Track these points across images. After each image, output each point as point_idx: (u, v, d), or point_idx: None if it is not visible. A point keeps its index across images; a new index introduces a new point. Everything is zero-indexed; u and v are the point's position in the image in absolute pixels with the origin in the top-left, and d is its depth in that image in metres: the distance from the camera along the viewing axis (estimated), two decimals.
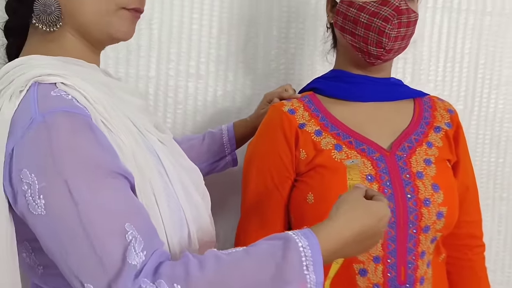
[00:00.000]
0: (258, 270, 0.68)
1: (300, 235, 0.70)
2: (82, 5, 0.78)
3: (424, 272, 0.99)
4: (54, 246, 0.68)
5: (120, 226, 0.67)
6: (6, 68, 0.75)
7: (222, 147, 1.19)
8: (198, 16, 1.36)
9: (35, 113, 0.68)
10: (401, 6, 0.97)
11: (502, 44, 1.54)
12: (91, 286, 0.66)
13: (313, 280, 0.69)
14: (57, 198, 0.66)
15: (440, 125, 1.08)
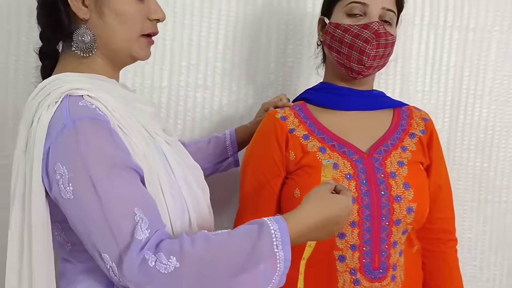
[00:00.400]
0: (238, 248, 0.82)
1: (272, 220, 0.85)
2: (114, 34, 0.94)
3: (397, 260, 1.13)
4: (79, 224, 0.84)
5: (130, 210, 0.82)
6: (43, 83, 0.91)
7: (225, 150, 1.33)
8: (206, 34, 1.50)
9: (67, 119, 0.84)
10: (379, 30, 1.11)
11: (484, 58, 1.64)
12: (107, 256, 0.82)
13: (281, 256, 0.83)
14: (82, 186, 0.82)
15: (415, 132, 1.21)
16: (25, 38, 1.43)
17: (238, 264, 0.81)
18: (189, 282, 0.80)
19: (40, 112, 0.86)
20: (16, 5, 1.42)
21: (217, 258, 0.81)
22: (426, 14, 1.61)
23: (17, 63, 1.44)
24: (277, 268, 0.83)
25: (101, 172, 0.82)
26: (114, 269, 0.81)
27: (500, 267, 1.72)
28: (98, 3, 0.92)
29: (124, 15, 0.93)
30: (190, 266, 0.80)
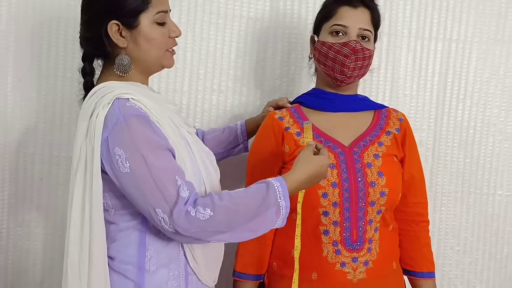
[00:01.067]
0: (253, 200, 1.12)
1: (275, 179, 1.16)
2: (148, 54, 1.21)
3: (372, 235, 1.36)
4: (135, 191, 1.10)
5: (173, 177, 1.11)
6: (95, 89, 1.18)
7: (236, 138, 1.58)
8: (221, 46, 1.75)
9: (119, 115, 1.10)
10: (356, 47, 1.34)
11: (466, 66, 1.83)
12: (159, 210, 1.09)
13: (283, 204, 1.13)
14: (136, 162, 1.09)
15: (391, 130, 1.43)
16: (65, 52, 1.71)
17: (253, 211, 1.11)
18: (220, 225, 1.10)
19: (97, 110, 1.12)
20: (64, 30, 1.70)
21: (239, 208, 1.11)
22: (413, 27, 1.81)
23: (64, 73, 1.72)
24: (280, 213, 1.14)
25: (149, 152, 1.10)
26: (165, 219, 1.09)
27: (482, 252, 1.90)
28: (133, 34, 1.19)
29: (153, 40, 1.20)
30: (220, 214, 1.10)
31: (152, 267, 1.17)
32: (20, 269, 1.76)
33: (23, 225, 1.74)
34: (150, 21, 1.19)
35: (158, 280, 1.17)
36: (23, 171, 1.73)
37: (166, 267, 1.18)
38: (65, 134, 1.74)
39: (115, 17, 1.17)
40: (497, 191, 1.88)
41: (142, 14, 1.18)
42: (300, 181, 1.17)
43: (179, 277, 1.20)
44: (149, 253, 1.17)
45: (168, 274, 1.18)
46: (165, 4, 1.22)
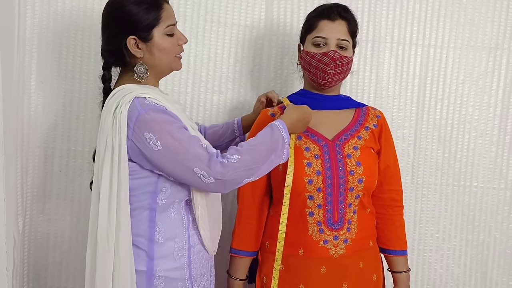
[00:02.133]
0: (265, 140, 1.39)
1: (276, 121, 1.43)
2: (161, 61, 1.42)
3: (351, 217, 1.55)
4: (171, 162, 1.31)
5: (197, 142, 1.33)
6: (115, 90, 1.38)
7: (233, 132, 1.78)
8: (221, 51, 1.94)
9: (140, 109, 1.31)
10: (335, 56, 1.52)
11: (443, 69, 1.99)
12: (197, 169, 1.31)
13: (286, 137, 1.41)
14: (166, 139, 1.30)
15: (369, 125, 1.62)
16: (81, 57, 1.91)
17: (269, 147, 1.38)
18: (248, 163, 1.35)
19: (121, 108, 1.32)
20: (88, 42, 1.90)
21: (258, 148, 1.38)
22: (395, 34, 1.99)
23: (81, 76, 1.91)
24: (285, 143, 1.41)
25: (173, 129, 1.32)
26: (205, 174, 1.31)
27: (460, 239, 2.06)
28: (148, 45, 1.39)
29: (164, 49, 1.40)
30: (245, 155, 1.35)
31: (160, 239, 1.38)
32: (41, 252, 1.95)
33: (43, 212, 1.94)
34: (161, 33, 1.39)
35: (166, 249, 1.39)
36: (44, 163, 1.93)
37: (172, 240, 1.39)
38: (81, 131, 1.93)
39: (132, 33, 1.37)
40: (473, 183, 2.05)
41: (155, 28, 1.38)
42: (293, 119, 1.46)
43: (183, 248, 1.41)
44: (158, 228, 1.38)
45: (174, 245, 1.40)
46: (172, 18, 1.42)
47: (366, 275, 1.58)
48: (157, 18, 1.37)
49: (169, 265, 1.39)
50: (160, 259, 1.38)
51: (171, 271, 1.39)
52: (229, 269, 1.65)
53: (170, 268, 1.39)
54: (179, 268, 1.40)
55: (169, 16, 1.40)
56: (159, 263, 1.38)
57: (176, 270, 1.40)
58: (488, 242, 2.07)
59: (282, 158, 1.41)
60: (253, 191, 1.58)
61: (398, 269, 1.64)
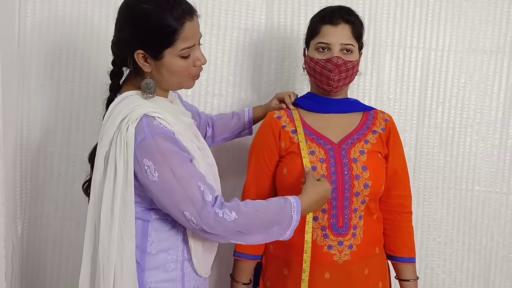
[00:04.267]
0: (272, 210, 1.30)
1: (293, 197, 1.33)
2: (169, 82, 1.33)
3: (357, 222, 1.53)
4: (163, 197, 1.24)
5: (197, 184, 1.26)
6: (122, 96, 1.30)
7: (243, 124, 1.74)
8: (221, 55, 1.93)
9: (147, 131, 1.24)
10: (338, 62, 1.50)
11: (444, 72, 1.99)
12: (187, 213, 1.24)
13: (295, 218, 1.31)
14: (164, 173, 1.23)
15: (377, 129, 1.59)
16: (82, 60, 1.89)
17: (272, 219, 1.30)
18: (242, 227, 1.27)
19: (127, 123, 1.25)
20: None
21: (259, 214, 1.29)
22: (396, 37, 1.98)
23: (81, 79, 1.89)
24: (291, 224, 1.31)
25: (174, 163, 1.24)
26: (193, 221, 1.25)
27: (462, 244, 2.04)
28: (157, 64, 1.29)
29: (175, 71, 1.30)
30: (243, 218, 1.27)
31: (153, 250, 1.33)
32: (40, 256, 1.93)
33: (42, 216, 1.92)
34: (174, 55, 1.27)
35: (158, 261, 1.33)
36: (43, 167, 1.91)
37: (165, 251, 1.34)
38: (81, 135, 1.91)
39: (142, 48, 1.26)
40: (474, 187, 2.03)
41: (167, 50, 1.26)
42: (311, 200, 1.36)
43: (177, 261, 1.36)
44: (151, 238, 1.33)
45: (167, 257, 1.34)
46: (191, 40, 1.28)
47: (372, 282, 1.56)
48: (172, 39, 1.26)
49: (161, 276, 1.33)
50: (151, 270, 1.33)
51: (162, 283, 1.33)
52: (232, 273, 1.63)
53: (161, 279, 1.33)
54: (172, 280, 1.35)
55: (187, 38, 1.27)
56: (150, 274, 1.32)
57: (168, 282, 1.34)
58: (490, 247, 2.05)
59: (282, 236, 1.32)
60: (258, 193, 1.57)
61: (406, 277, 1.61)
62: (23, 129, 1.87)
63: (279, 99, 1.71)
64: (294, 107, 1.65)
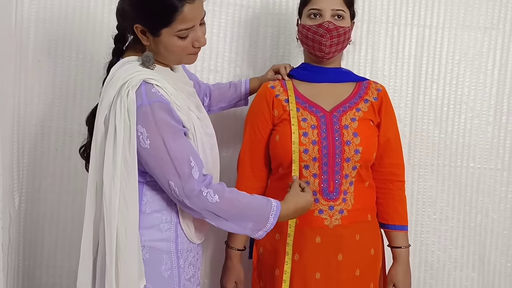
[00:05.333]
0: (254, 205, 1.34)
1: (276, 201, 1.36)
2: (166, 58, 1.34)
3: (347, 188, 1.55)
4: (152, 164, 1.27)
5: (187, 158, 1.28)
6: (123, 61, 1.32)
7: (240, 94, 1.75)
8: (217, 31, 1.95)
9: (145, 99, 1.26)
10: (329, 27, 1.53)
11: (439, 49, 1.99)
12: (172, 183, 1.27)
13: (271, 222, 1.34)
14: (156, 142, 1.26)
15: (369, 98, 1.62)
16: (79, 36, 1.92)
17: (250, 215, 1.34)
18: (220, 212, 1.31)
19: (127, 88, 1.26)
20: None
21: (240, 206, 1.33)
22: (390, 14, 1.99)
23: (77, 55, 1.92)
24: (266, 226, 1.35)
25: (167, 134, 1.26)
26: (176, 191, 1.28)
27: (457, 220, 2.04)
28: (155, 40, 1.30)
29: (171, 50, 1.31)
30: (224, 204, 1.31)
31: (147, 210, 1.36)
32: (37, 229, 1.95)
33: (40, 190, 1.94)
34: (171, 34, 1.28)
35: (152, 220, 1.36)
36: (41, 142, 1.93)
37: (160, 212, 1.37)
38: (78, 110, 1.93)
39: (141, 23, 1.28)
40: (469, 164, 2.03)
41: (164, 29, 1.27)
42: (290, 210, 1.39)
43: (171, 222, 1.38)
44: (145, 198, 1.36)
45: (161, 217, 1.37)
46: (190, 22, 1.28)
47: (363, 248, 1.57)
48: (169, 20, 1.26)
49: (155, 235, 1.36)
50: (146, 229, 1.35)
51: (156, 241, 1.36)
52: (227, 239, 1.65)
53: (155, 238, 1.36)
54: (165, 240, 1.37)
55: (186, 20, 1.27)
56: (144, 232, 1.34)
57: (162, 241, 1.37)
58: (485, 224, 2.05)
59: (255, 234, 1.36)
60: (252, 162, 1.60)
61: (398, 244, 1.62)
62: (20, 104, 1.89)
63: (275, 70, 1.74)
64: (289, 78, 1.67)
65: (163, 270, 1.36)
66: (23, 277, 1.94)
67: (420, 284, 2.08)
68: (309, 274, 1.53)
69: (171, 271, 1.37)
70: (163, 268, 1.36)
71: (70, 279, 1.93)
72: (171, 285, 1.37)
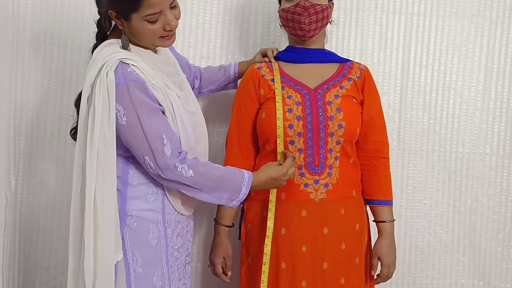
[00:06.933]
0: (227, 176, 1.42)
1: (247, 172, 1.44)
2: (139, 41, 1.39)
3: (332, 163, 1.58)
4: (129, 140, 1.35)
5: (160, 135, 1.34)
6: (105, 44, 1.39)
7: (229, 78, 1.81)
8: (209, 18, 2.00)
9: (121, 77, 1.32)
10: (306, 4, 1.58)
11: (427, 36, 2.03)
12: (147, 158, 1.35)
13: (243, 191, 1.42)
14: (132, 118, 1.33)
15: (352, 77, 1.66)
16: (75, 23, 1.97)
17: (224, 186, 1.41)
18: (194, 184, 1.38)
19: (106, 69, 1.33)
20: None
21: (214, 179, 1.40)
22: (378, 2, 2.03)
23: (73, 42, 1.97)
24: (239, 196, 1.43)
25: (142, 112, 1.33)
26: (152, 166, 1.36)
27: (447, 205, 2.07)
28: (128, 25, 1.36)
29: (142, 34, 1.37)
30: (198, 177, 1.38)
31: (134, 182, 1.42)
32: (33, 213, 1.99)
33: (36, 175, 1.98)
34: (140, 19, 1.33)
35: (139, 191, 1.42)
36: (37, 127, 1.98)
37: (146, 184, 1.43)
38: (73, 96, 1.93)
39: (113, 9, 1.35)
40: (458, 149, 2.06)
41: (133, 14, 1.33)
42: (262, 180, 1.46)
43: (157, 193, 1.44)
44: (131, 171, 1.42)
45: (147, 189, 1.43)
46: (156, 7, 1.32)
47: (348, 222, 1.60)
48: (137, 5, 1.31)
49: (142, 206, 1.41)
50: (132, 200, 1.41)
51: (143, 211, 1.41)
52: (216, 216, 1.68)
53: (142, 208, 1.41)
54: (152, 210, 1.42)
55: (152, 5, 1.32)
56: (131, 203, 1.40)
57: (149, 211, 1.42)
58: (475, 208, 2.07)
59: (229, 204, 1.44)
60: (240, 140, 1.64)
61: (382, 218, 1.65)
62: (17, 90, 1.93)
63: (263, 53, 1.79)
64: (275, 61, 1.71)
65: (150, 238, 1.40)
66: (19, 260, 1.97)
67: (411, 268, 2.10)
68: (295, 247, 1.56)
69: (158, 240, 1.41)
70: (150, 237, 1.40)
71: (65, 263, 1.92)
72: (158, 253, 1.41)
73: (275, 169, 1.47)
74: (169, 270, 1.43)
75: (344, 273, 1.58)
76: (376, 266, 1.65)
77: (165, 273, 1.42)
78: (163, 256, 1.42)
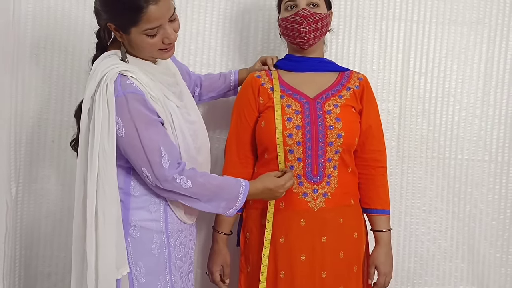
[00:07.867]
0: (224, 186, 1.44)
1: (243, 180, 1.46)
2: (139, 54, 1.41)
3: (331, 172, 1.59)
4: (128, 151, 1.36)
5: (158, 147, 1.36)
6: (104, 55, 1.40)
7: (229, 85, 1.82)
8: (209, 26, 2.01)
9: (120, 90, 1.33)
10: (305, 13, 1.59)
11: (426, 43, 2.04)
12: (145, 170, 1.36)
13: (240, 200, 1.44)
14: (130, 131, 1.34)
15: (351, 86, 1.67)
16: (75, 30, 1.98)
17: (222, 195, 1.43)
18: (193, 194, 1.39)
19: (106, 82, 1.34)
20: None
21: (212, 188, 1.42)
22: (378, 9, 2.04)
23: (74, 49, 1.98)
24: (236, 204, 1.45)
25: (140, 124, 1.35)
26: (149, 177, 1.37)
27: (446, 212, 2.07)
28: (127, 37, 1.37)
29: (142, 47, 1.38)
30: (196, 188, 1.39)
31: (136, 193, 1.43)
32: (34, 220, 1.99)
33: (37, 181, 1.99)
34: (139, 33, 1.34)
35: (141, 202, 1.43)
36: (37, 134, 1.99)
37: (148, 195, 1.44)
38: (74, 103, 1.98)
39: (111, 22, 1.36)
40: (457, 156, 2.07)
41: (132, 28, 1.34)
42: (258, 189, 1.48)
43: (160, 204, 1.45)
44: (133, 182, 1.43)
45: (149, 199, 1.44)
46: (155, 22, 1.33)
47: (346, 231, 1.61)
48: (135, 20, 1.32)
49: (144, 216, 1.42)
50: (135, 210, 1.42)
51: (146, 221, 1.42)
52: (214, 224, 1.69)
53: (145, 218, 1.43)
54: (155, 220, 1.44)
55: (151, 20, 1.32)
56: (134, 213, 1.42)
57: (152, 221, 1.43)
58: (474, 215, 2.08)
59: (226, 212, 1.46)
60: (239, 149, 1.65)
61: (379, 227, 1.66)
62: (17, 97, 1.94)
63: (262, 61, 1.80)
64: (275, 69, 1.72)
65: (153, 248, 1.42)
66: (20, 266, 1.98)
67: (410, 274, 2.10)
68: (294, 256, 1.57)
69: (161, 250, 1.43)
70: (153, 247, 1.42)
71: (66, 269, 1.98)
72: (161, 263, 1.42)
73: (272, 180, 1.48)
74: (172, 279, 1.45)
75: (342, 281, 1.59)
76: (373, 274, 1.66)
77: (168, 283, 1.44)
78: (166, 266, 1.44)
